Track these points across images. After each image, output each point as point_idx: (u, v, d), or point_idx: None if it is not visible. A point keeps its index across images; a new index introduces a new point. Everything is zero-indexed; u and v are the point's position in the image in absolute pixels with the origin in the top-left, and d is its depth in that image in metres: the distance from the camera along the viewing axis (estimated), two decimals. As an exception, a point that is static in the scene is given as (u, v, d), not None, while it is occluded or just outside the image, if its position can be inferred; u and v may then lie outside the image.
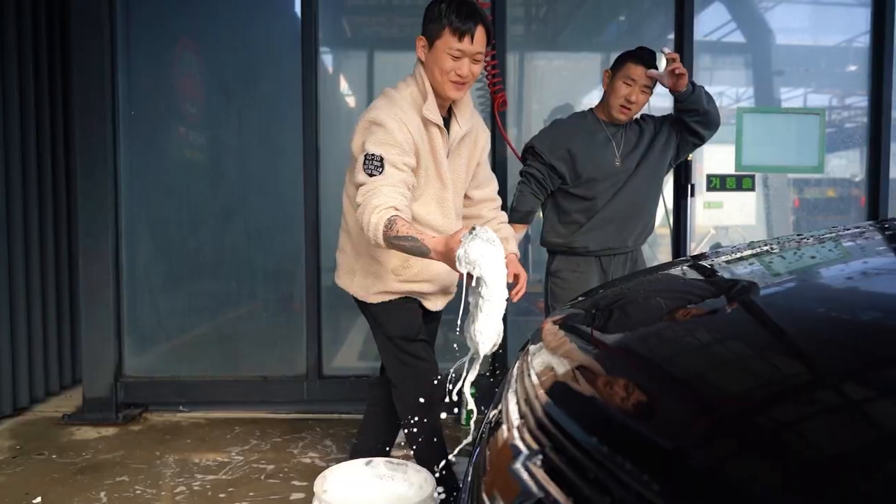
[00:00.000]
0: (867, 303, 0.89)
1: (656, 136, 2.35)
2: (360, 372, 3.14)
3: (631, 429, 0.73)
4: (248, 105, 3.10)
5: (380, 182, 1.63)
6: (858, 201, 3.35)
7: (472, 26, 1.71)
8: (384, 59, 3.27)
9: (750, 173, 3.19)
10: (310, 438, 2.78)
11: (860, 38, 3.28)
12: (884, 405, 0.62)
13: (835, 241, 1.29)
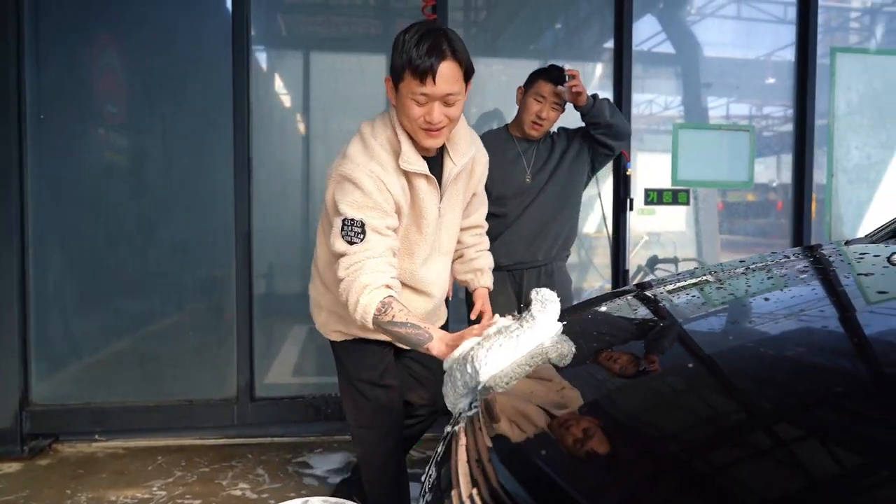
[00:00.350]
0: (795, 339, 0.87)
1: (567, 150, 2.36)
2: (294, 393, 2.99)
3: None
4: (175, 109, 2.89)
5: (363, 254, 1.42)
6: (776, 205, 3.49)
7: (436, 63, 1.40)
8: (321, 60, 3.12)
9: (685, 188, 3.26)
10: (241, 467, 2.61)
11: (784, 51, 3.40)
12: (810, 446, 0.58)
13: (766, 273, 1.28)
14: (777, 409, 0.71)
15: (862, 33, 3.64)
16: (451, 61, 1.42)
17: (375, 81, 3.06)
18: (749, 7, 3.49)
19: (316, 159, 3.07)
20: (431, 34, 1.41)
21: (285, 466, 2.62)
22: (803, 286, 1.18)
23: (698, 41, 3.40)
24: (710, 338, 0.97)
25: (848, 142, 3.41)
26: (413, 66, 1.39)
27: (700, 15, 3.46)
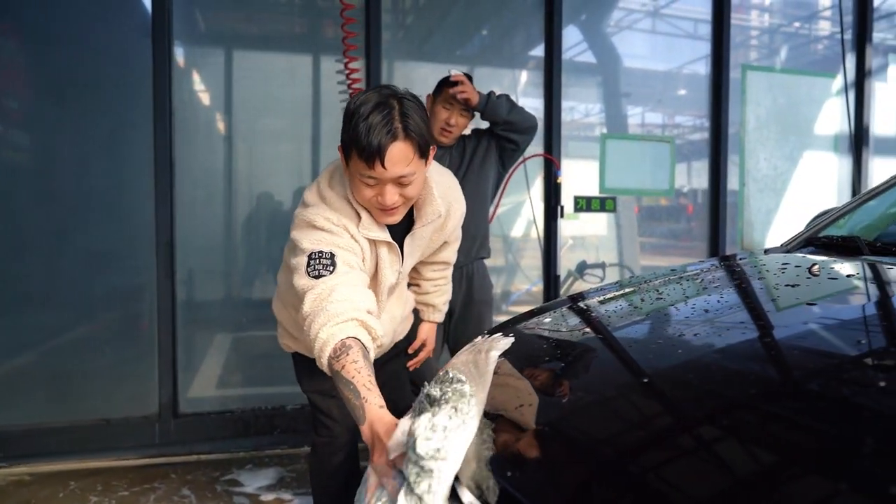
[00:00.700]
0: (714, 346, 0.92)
1: (476, 150, 2.38)
2: (221, 407, 2.86)
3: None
4: (89, 108, 2.70)
5: (333, 280, 1.25)
6: (686, 209, 3.68)
7: (385, 146, 1.23)
8: (249, 59, 2.99)
9: (612, 196, 3.37)
10: (164, 489, 2.46)
11: (700, 66, 3.60)
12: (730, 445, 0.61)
13: (689, 281, 1.35)
14: (710, 413, 0.74)
15: (769, 52, 3.90)
16: (402, 142, 1.25)
17: (305, 82, 2.98)
18: (666, 23, 3.66)
19: (242, 162, 2.95)
20: (381, 109, 1.24)
21: (213, 485, 2.50)
22: (732, 295, 1.25)
23: (620, 53, 3.54)
24: (648, 349, 1.00)
25: (757, 153, 3.65)
26: (359, 147, 1.24)
27: (618, 27, 3.60)
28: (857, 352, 0.83)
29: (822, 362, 0.81)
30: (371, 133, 1.21)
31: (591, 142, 3.46)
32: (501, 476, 0.78)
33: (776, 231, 3.69)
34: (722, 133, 3.52)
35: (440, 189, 1.47)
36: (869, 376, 0.76)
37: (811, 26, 4.04)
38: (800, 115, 3.74)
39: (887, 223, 1.79)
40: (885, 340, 0.89)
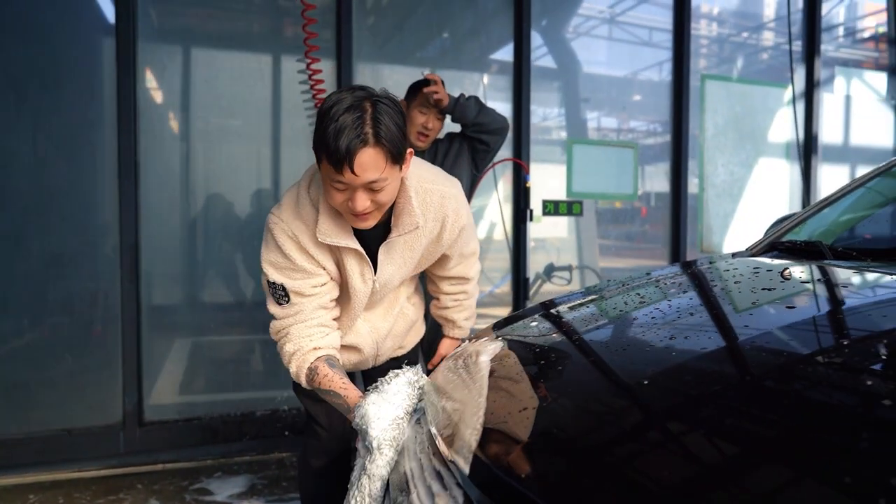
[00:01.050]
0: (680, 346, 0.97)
1: (448, 152, 2.42)
2: (188, 414, 2.80)
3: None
4: (48, 106, 2.60)
5: (289, 319, 1.41)
6: (640, 212, 3.80)
7: (353, 151, 1.18)
8: (215, 59, 2.93)
9: (579, 199, 3.45)
10: (130, 499, 2.40)
11: (664, 75, 3.72)
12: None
13: (655, 286, 1.40)
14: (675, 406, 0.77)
15: (727, 63, 4.06)
16: (373, 148, 1.19)
17: (272, 83, 2.95)
18: (624, 31, 3.77)
19: (205, 163, 2.89)
20: (353, 111, 1.18)
21: (182, 494, 2.44)
22: (713, 297, 1.31)
23: (580, 59, 3.62)
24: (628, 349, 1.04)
25: (715, 160, 3.79)
26: (328, 151, 1.19)
27: (577, 33, 3.68)
28: (835, 348, 0.89)
29: (804, 358, 0.86)
30: (340, 137, 1.17)
31: (552, 146, 3.53)
32: (503, 470, 0.79)
33: (733, 234, 3.84)
34: (683, 140, 3.64)
35: (424, 198, 1.42)
36: (847, 371, 0.81)
37: (763, 38, 4.21)
38: (755, 124, 3.90)
39: (843, 229, 1.89)
40: (858, 337, 0.95)
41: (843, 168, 4.25)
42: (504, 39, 3.38)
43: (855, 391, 0.77)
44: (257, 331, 2.96)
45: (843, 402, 0.76)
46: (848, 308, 1.11)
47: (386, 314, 1.64)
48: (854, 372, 0.82)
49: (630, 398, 0.86)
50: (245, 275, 2.91)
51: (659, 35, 3.76)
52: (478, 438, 0.85)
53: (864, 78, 4.28)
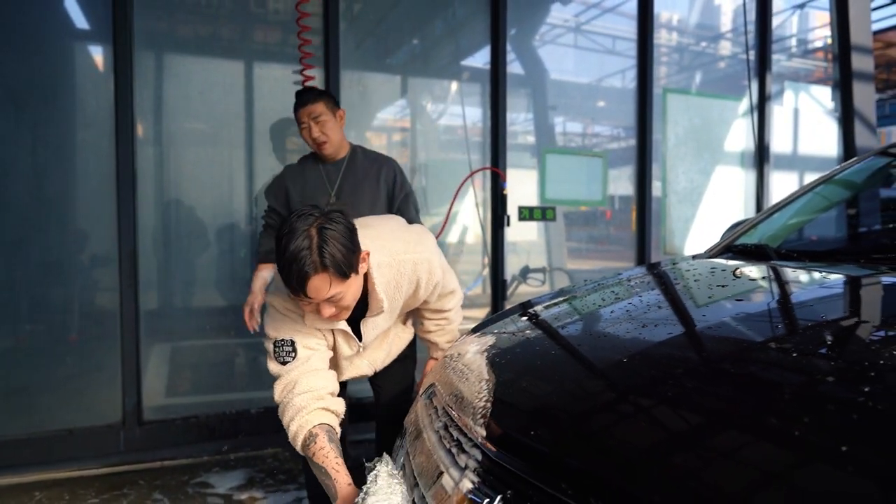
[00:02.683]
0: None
1: (356, 173, 2.40)
2: (186, 413, 2.92)
3: (573, 462, 0.88)
4: (45, 116, 2.70)
5: (297, 371, 1.49)
6: (605, 215, 4.05)
7: (303, 280, 1.31)
8: (218, 67, 3.05)
9: (552, 205, 3.68)
10: (134, 494, 2.51)
11: (629, 86, 3.99)
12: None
13: (630, 285, 1.62)
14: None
15: (686, 77, 4.35)
16: (319, 275, 1.32)
17: (272, 94, 3.09)
18: (589, 39, 4.02)
19: (202, 170, 3.02)
20: (301, 242, 1.30)
21: (184, 488, 2.57)
22: (676, 293, 1.53)
23: (548, 67, 3.85)
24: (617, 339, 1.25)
25: (677, 168, 4.07)
26: (286, 280, 1.34)
27: (543, 41, 3.92)
28: (775, 333, 1.11)
29: (751, 341, 1.07)
30: (291, 270, 1.30)
31: (522, 151, 3.74)
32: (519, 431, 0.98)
33: (693, 237, 4.12)
34: (647, 148, 3.91)
35: (399, 269, 1.60)
36: (784, 351, 1.02)
37: (720, 53, 4.53)
38: (712, 134, 4.20)
39: (787, 232, 2.14)
40: (793, 326, 1.17)
41: (793, 175, 4.58)
42: (477, 47, 3.56)
43: (791, 368, 0.98)
44: (249, 334, 3.09)
45: (781, 376, 0.97)
46: (786, 300, 1.34)
47: (380, 346, 1.84)
48: (790, 352, 1.03)
49: (609, 373, 1.07)
50: (237, 280, 3.04)
51: (622, 44, 4.03)
52: (488, 408, 1.04)
53: (811, 92, 4.63)
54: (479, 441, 1.00)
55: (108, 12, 2.73)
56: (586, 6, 3.97)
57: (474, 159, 3.53)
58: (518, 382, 1.12)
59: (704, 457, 0.78)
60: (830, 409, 0.78)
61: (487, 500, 0.89)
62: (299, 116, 2.28)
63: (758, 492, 0.69)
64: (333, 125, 2.30)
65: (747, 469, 0.73)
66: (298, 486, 2.59)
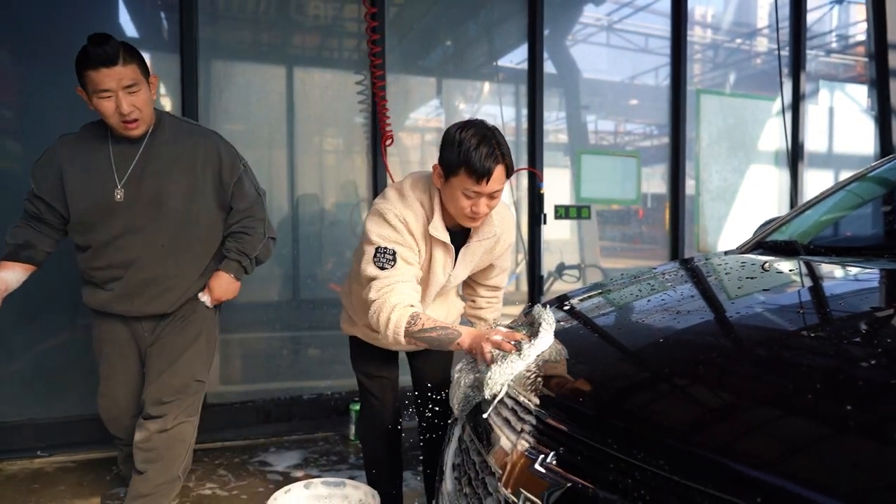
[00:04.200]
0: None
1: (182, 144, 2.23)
2: (245, 398, 3.14)
3: (617, 422, 1.03)
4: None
5: (393, 277, 1.62)
6: (637, 213, 4.15)
7: (493, 166, 1.58)
8: (271, 71, 3.26)
9: (587, 204, 3.80)
10: (202, 470, 2.74)
11: (663, 88, 4.08)
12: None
13: (674, 276, 1.75)
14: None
15: (720, 78, 4.42)
16: (502, 165, 1.61)
17: (324, 99, 3.29)
18: (622, 38, 4.13)
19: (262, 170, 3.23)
20: (488, 140, 1.59)
21: (245, 466, 2.79)
22: (709, 286, 1.66)
23: (581, 67, 3.96)
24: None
25: (710, 167, 4.15)
26: (471, 167, 1.57)
27: (576, 41, 4.04)
28: (801, 323, 1.24)
29: (775, 331, 1.21)
30: (483, 159, 1.57)
31: (555, 151, 3.86)
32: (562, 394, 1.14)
33: (726, 235, 4.19)
34: (680, 150, 4.00)
35: (497, 217, 1.81)
36: (803, 338, 1.16)
37: (753, 54, 4.58)
38: (746, 134, 4.26)
39: (816, 230, 2.23)
40: (816, 314, 1.30)
41: (828, 173, 4.61)
42: (513, 47, 3.70)
43: (811, 351, 1.12)
44: (302, 328, 3.30)
45: (799, 357, 1.11)
46: (811, 291, 1.46)
47: (442, 304, 1.99)
48: (810, 337, 1.17)
49: (643, 353, 1.21)
50: (298, 277, 3.26)
51: (655, 42, 4.11)
52: (540, 380, 1.20)
53: (846, 90, 4.64)
54: (533, 408, 1.16)
55: (177, 26, 2.96)
56: (619, 4, 4.08)
57: (516, 163, 3.67)
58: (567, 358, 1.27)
59: (724, 417, 0.93)
60: (840, 384, 0.92)
61: (542, 456, 1.05)
62: (99, 82, 1.71)
63: (763, 444, 0.84)
64: (147, 98, 1.81)
65: (757, 428, 0.88)
66: (349, 467, 2.78)
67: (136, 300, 1.99)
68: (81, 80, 1.77)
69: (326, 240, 3.36)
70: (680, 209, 4.03)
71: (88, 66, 1.72)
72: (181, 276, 2.03)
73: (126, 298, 1.99)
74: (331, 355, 3.36)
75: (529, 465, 1.06)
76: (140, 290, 1.98)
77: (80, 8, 2.90)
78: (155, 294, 2.00)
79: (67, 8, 2.85)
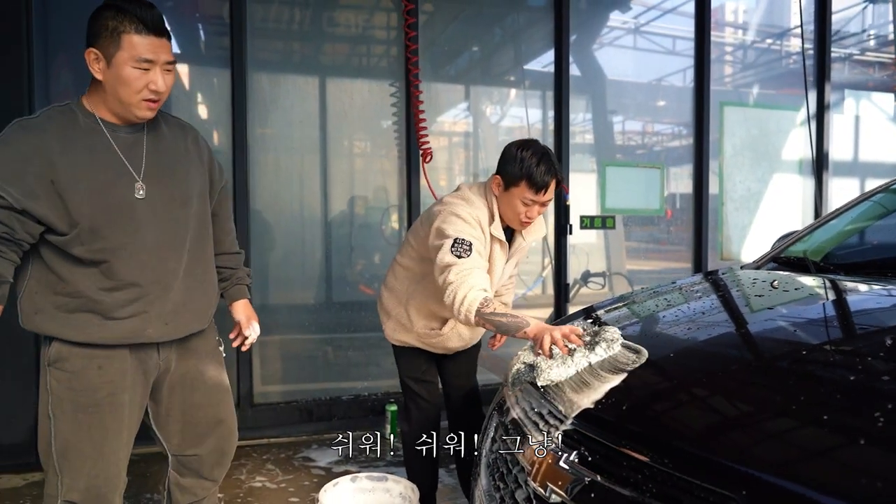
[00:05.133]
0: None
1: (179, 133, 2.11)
2: (288, 398, 3.37)
3: (631, 427, 1.20)
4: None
5: (471, 263, 1.81)
6: (665, 214, 4.23)
7: (549, 180, 1.91)
8: (313, 83, 3.49)
9: (612, 214, 3.95)
10: (251, 464, 2.97)
11: (687, 101, 4.20)
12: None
13: (692, 291, 1.90)
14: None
15: (743, 90, 4.51)
16: (555, 179, 1.95)
17: (364, 108, 3.50)
18: (648, 40, 4.25)
19: (308, 178, 3.46)
20: (545, 158, 1.93)
21: (291, 461, 3.01)
22: (723, 300, 1.81)
23: (608, 73, 4.10)
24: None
25: (734, 177, 4.25)
26: (532, 180, 1.90)
27: (602, 45, 4.17)
28: (815, 339, 1.39)
29: (778, 341, 1.36)
30: (543, 174, 1.91)
31: (580, 160, 4.00)
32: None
33: (750, 243, 4.29)
34: (703, 160, 4.11)
35: (540, 221, 2.16)
36: (807, 348, 1.31)
37: (779, 60, 4.65)
38: (770, 144, 4.35)
39: (830, 246, 2.35)
40: (828, 332, 1.45)
41: (854, 181, 4.67)
42: (539, 55, 3.86)
43: (806, 360, 1.27)
44: (337, 330, 3.52)
45: (796, 366, 1.26)
46: (815, 309, 1.61)
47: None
48: (812, 349, 1.32)
49: (656, 364, 1.38)
50: (331, 280, 3.48)
51: (682, 43, 4.21)
52: (567, 389, 1.38)
53: (871, 99, 4.69)
54: (559, 414, 1.33)
55: (227, 41, 3.19)
56: (646, 7, 4.19)
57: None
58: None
59: (716, 421, 1.09)
60: (828, 385, 1.08)
61: (566, 455, 1.22)
62: (144, 50, 1.46)
63: (761, 441, 1.00)
64: (172, 82, 1.56)
65: (755, 428, 1.04)
66: (386, 463, 2.98)
67: (170, 319, 1.61)
68: (111, 41, 1.45)
69: (357, 242, 3.58)
70: (703, 220, 4.14)
71: (135, 29, 1.44)
72: (209, 282, 1.75)
73: (158, 319, 1.59)
74: (365, 357, 3.58)
75: (555, 462, 1.23)
76: (177, 307, 1.62)
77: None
78: (193, 308, 1.68)
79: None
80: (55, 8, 3.00)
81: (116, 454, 1.60)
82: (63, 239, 1.48)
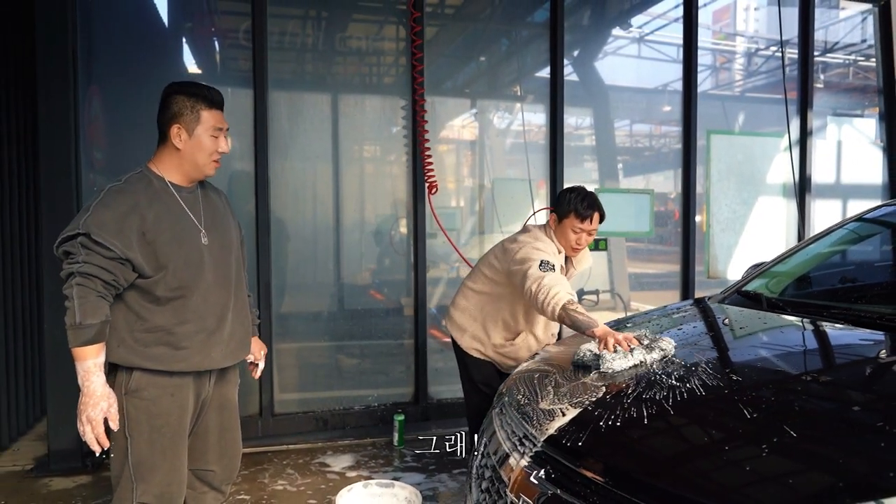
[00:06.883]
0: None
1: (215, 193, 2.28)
2: (305, 408, 3.70)
3: (585, 451, 1.50)
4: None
5: (557, 277, 2.33)
6: (673, 214, 4.55)
7: (592, 213, 2.53)
8: (330, 100, 3.80)
9: (603, 237, 4.25)
10: (272, 469, 3.30)
11: (674, 129, 4.49)
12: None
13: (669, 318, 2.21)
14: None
15: (729, 118, 4.79)
16: (597, 212, 2.57)
17: (375, 122, 3.82)
18: (651, 48, 4.54)
19: (325, 191, 3.78)
20: (588, 197, 2.56)
21: (308, 466, 3.34)
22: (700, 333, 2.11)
23: (608, 83, 4.43)
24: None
25: (720, 200, 4.54)
26: (578, 212, 2.52)
27: (605, 54, 4.48)
28: (755, 378, 1.69)
29: (732, 383, 1.67)
30: (586, 208, 2.53)
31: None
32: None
33: (736, 262, 4.57)
34: (691, 188, 4.39)
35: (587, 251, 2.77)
36: (742, 379, 1.61)
37: (761, 92, 4.93)
38: (754, 169, 4.63)
39: (786, 281, 2.63)
40: (762, 371, 1.75)
41: (836, 203, 4.93)
42: (539, 69, 4.19)
43: (742, 389, 1.57)
44: (348, 337, 3.85)
45: (726, 394, 1.57)
46: (752, 349, 1.91)
47: (546, 328, 2.71)
48: (753, 386, 1.62)
49: (615, 394, 1.69)
50: (356, 290, 3.81)
51: (676, 51, 4.51)
52: (541, 416, 1.69)
53: (853, 124, 4.95)
54: (531, 437, 1.65)
55: (249, 63, 3.51)
56: (651, 16, 4.51)
57: (538, 202, 4.15)
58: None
59: (655, 447, 1.40)
60: (766, 418, 1.38)
61: (535, 472, 1.53)
62: (217, 121, 1.88)
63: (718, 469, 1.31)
64: None
65: (715, 458, 1.35)
66: (394, 469, 3.30)
67: (226, 348, 1.93)
68: (192, 117, 1.82)
69: (367, 249, 3.90)
70: (690, 243, 4.43)
71: (211, 106, 1.85)
72: (246, 316, 2.07)
73: (218, 347, 1.90)
74: (376, 365, 3.90)
75: (527, 477, 1.55)
76: (230, 337, 1.95)
77: (164, 52, 3.51)
78: (238, 338, 2.00)
79: (147, 52, 3.45)
80: (98, 54, 3.34)
81: (182, 465, 1.89)
82: (148, 281, 1.78)
